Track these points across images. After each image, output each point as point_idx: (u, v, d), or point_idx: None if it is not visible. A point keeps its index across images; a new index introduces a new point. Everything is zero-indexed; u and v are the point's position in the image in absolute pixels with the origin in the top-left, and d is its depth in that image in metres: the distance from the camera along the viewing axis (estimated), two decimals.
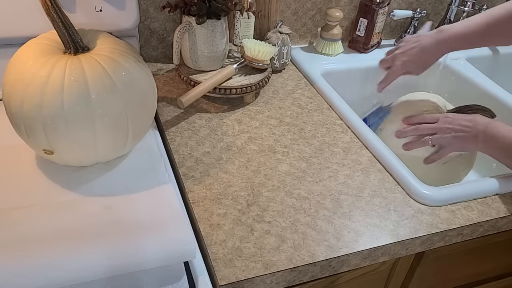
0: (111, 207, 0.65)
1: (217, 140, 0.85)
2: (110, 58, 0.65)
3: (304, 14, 1.15)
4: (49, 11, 0.64)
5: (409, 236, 0.71)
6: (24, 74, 0.62)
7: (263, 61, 0.94)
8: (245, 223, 0.70)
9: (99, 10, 0.84)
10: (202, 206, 0.72)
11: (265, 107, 0.96)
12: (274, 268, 0.64)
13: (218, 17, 0.90)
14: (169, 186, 0.70)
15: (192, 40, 0.91)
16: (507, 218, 0.77)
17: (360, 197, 0.76)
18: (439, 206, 0.76)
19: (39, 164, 0.72)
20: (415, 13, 1.18)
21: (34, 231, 0.60)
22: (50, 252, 0.57)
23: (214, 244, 0.66)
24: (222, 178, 0.77)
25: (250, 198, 0.74)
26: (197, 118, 0.91)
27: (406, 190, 0.78)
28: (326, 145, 0.87)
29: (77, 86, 0.62)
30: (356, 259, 0.69)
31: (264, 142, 0.86)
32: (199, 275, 0.63)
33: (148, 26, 1.03)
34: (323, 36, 1.14)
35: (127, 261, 0.58)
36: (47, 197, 0.67)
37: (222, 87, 0.91)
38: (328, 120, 0.94)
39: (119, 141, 0.68)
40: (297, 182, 0.78)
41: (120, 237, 0.60)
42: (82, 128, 0.63)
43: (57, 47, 0.66)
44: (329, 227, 0.70)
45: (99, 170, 0.72)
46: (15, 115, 0.64)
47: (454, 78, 1.17)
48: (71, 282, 0.56)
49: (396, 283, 0.86)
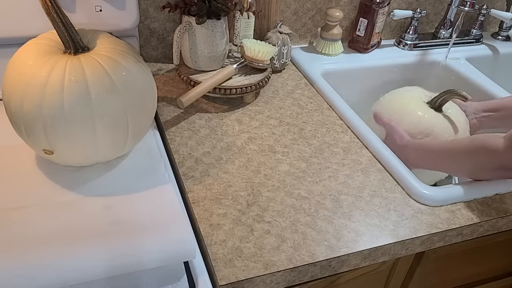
0: (111, 207, 0.65)
1: (217, 140, 0.85)
2: (110, 58, 0.65)
3: (304, 14, 1.15)
4: (49, 11, 0.64)
5: (409, 236, 0.71)
6: (24, 74, 0.62)
7: (263, 61, 0.94)
8: (245, 223, 0.70)
9: (99, 10, 0.84)
10: (202, 206, 0.72)
11: (265, 107, 0.96)
12: (274, 268, 0.64)
13: (218, 17, 0.90)
14: (169, 186, 0.70)
15: (192, 40, 0.91)
16: (507, 218, 0.77)
17: (360, 197, 0.76)
18: (439, 206, 0.76)
19: (39, 164, 0.72)
20: (415, 13, 1.18)
21: (33, 231, 0.60)
22: (49, 252, 0.57)
23: (214, 244, 0.66)
24: (222, 178, 0.77)
25: (250, 198, 0.74)
26: (197, 118, 0.91)
27: (406, 190, 0.78)
28: (326, 145, 0.87)
29: (77, 86, 0.62)
30: (356, 259, 0.69)
31: (264, 142, 0.86)
32: (199, 275, 0.63)
33: (148, 26, 1.03)
34: (323, 36, 1.14)
35: (127, 261, 0.58)
36: (47, 197, 0.67)
37: (222, 87, 0.91)
38: (328, 120, 0.94)
39: (119, 141, 0.68)
40: (297, 182, 0.78)
41: (120, 237, 0.60)
42: (82, 128, 0.63)
43: (57, 47, 0.66)
44: (329, 227, 0.70)
45: (99, 170, 0.72)
46: (15, 115, 0.64)
47: (454, 78, 1.17)
48: (71, 282, 0.56)
49: (396, 283, 0.86)
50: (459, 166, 0.81)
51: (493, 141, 0.74)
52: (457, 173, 0.82)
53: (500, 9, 1.26)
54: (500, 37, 1.33)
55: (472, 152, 0.77)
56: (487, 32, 1.36)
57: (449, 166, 0.83)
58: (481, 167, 0.78)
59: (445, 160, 0.82)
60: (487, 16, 1.27)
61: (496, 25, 1.36)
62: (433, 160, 0.85)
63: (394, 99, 1.00)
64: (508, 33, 1.33)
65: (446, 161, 0.82)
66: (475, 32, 1.28)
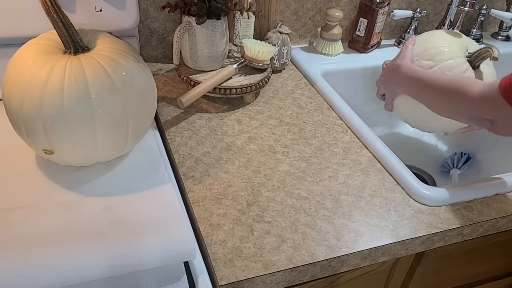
0: (111, 207, 0.65)
1: (217, 140, 0.85)
2: (110, 58, 0.65)
3: (304, 14, 1.15)
4: (49, 11, 0.64)
5: (409, 236, 0.71)
6: (24, 74, 0.62)
7: (263, 61, 0.94)
8: (245, 223, 0.70)
9: (99, 10, 0.84)
10: (202, 206, 0.72)
11: (265, 107, 0.96)
12: (274, 268, 0.64)
13: (218, 17, 0.90)
14: (169, 186, 0.70)
15: (192, 40, 0.91)
16: (507, 218, 0.77)
17: (360, 197, 0.76)
18: (439, 206, 0.76)
19: (39, 164, 0.72)
20: (415, 13, 1.18)
21: (33, 231, 0.60)
22: (49, 252, 0.57)
23: (214, 244, 0.66)
24: (222, 178, 0.77)
25: (250, 198, 0.74)
26: (197, 118, 0.91)
27: (406, 190, 0.78)
28: (326, 145, 0.87)
29: (77, 86, 0.62)
30: (356, 259, 0.69)
31: (264, 142, 0.86)
32: (199, 275, 0.63)
33: (148, 26, 1.03)
34: (323, 36, 1.14)
35: (127, 261, 0.58)
36: (47, 197, 0.67)
37: (222, 87, 0.91)
38: (328, 120, 0.94)
39: (119, 141, 0.68)
40: (297, 182, 0.78)
41: (120, 237, 0.60)
42: (82, 128, 0.63)
43: (57, 47, 0.66)
44: (329, 227, 0.70)
45: (99, 170, 0.72)
46: (15, 115, 0.64)
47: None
48: (71, 282, 0.56)
49: (396, 283, 0.86)
50: (438, 103, 0.75)
51: (470, 88, 0.67)
52: (437, 110, 0.76)
53: (500, 9, 1.26)
54: (500, 37, 1.33)
55: (450, 92, 0.71)
56: (487, 32, 1.36)
57: (430, 100, 0.77)
58: (458, 111, 0.71)
59: (427, 92, 0.76)
60: (487, 16, 1.27)
61: (496, 25, 1.36)
62: (418, 90, 0.78)
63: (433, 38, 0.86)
64: (508, 33, 1.33)
65: (428, 94, 0.76)
66: (475, 32, 1.28)
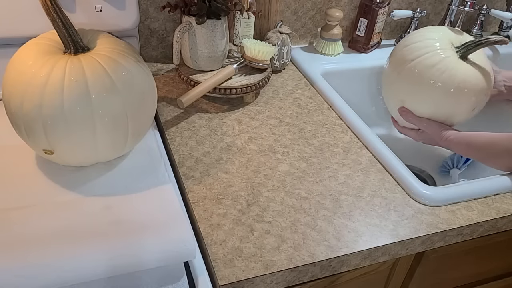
0: (111, 207, 0.65)
1: (217, 140, 0.85)
2: (110, 58, 0.65)
3: (304, 14, 1.15)
4: (49, 11, 0.64)
5: (409, 236, 0.71)
6: (24, 74, 0.62)
7: (263, 61, 0.94)
8: (245, 223, 0.70)
9: (99, 10, 0.84)
10: (202, 206, 0.72)
11: (265, 107, 0.96)
12: (274, 268, 0.64)
13: (218, 17, 0.90)
14: (169, 186, 0.70)
15: (192, 40, 0.91)
16: (507, 218, 0.77)
17: (360, 197, 0.76)
18: (439, 206, 0.76)
19: (39, 164, 0.72)
20: (415, 13, 1.18)
21: (33, 231, 0.60)
22: (49, 252, 0.57)
23: (214, 244, 0.66)
24: (222, 178, 0.77)
25: (250, 198, 0.74)
26: (197, 118, 0.91)
27: (406, 190, 0.78)
28: (326, 145, 0.87)
29: (77, 86, 0.62)
30: (356, 259, 0.69)
31: (264, 142, 0.86)
32: (199, 275, 0.63)
33: (148, 26, 1.03)
34: (323, 36, 1.14)
35: (127, 261, 0.58)
36: (47, 197, 0.67)
37: (222, 87, 0.91)
38: (328, 120, 0.94)
39: (119, 141, 0.68)
40: (297, 182, 0.78)
41: (120, 237, 0.60)
42: (82, 128, 0.63)
43: (57, 47, 0.66)
44: (329, 227, 0.70)
45: (99, 170, 0.72)
46: (15, 115, 0.64)
47: None
48: (71, 282, 0.56)
49: (396, 283, 0.86)
50: (498, 162, 0.84)
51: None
52: (495, 166, 0.85)
53: (500, 9, 1.26)
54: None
55: (507, 150, 0.81)
56: (487, 32, 1.36)
57: (488, 160, 0.86)
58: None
59: (486, 155, 0.85)
60: (487, 16, 1.27)
61: (496, 25, 1.36)
62: (474, 154, 0.87)
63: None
64: (508, 33, 1.33)
65: (487, 156, 0.85)
66: (475, 32, 1.28)
